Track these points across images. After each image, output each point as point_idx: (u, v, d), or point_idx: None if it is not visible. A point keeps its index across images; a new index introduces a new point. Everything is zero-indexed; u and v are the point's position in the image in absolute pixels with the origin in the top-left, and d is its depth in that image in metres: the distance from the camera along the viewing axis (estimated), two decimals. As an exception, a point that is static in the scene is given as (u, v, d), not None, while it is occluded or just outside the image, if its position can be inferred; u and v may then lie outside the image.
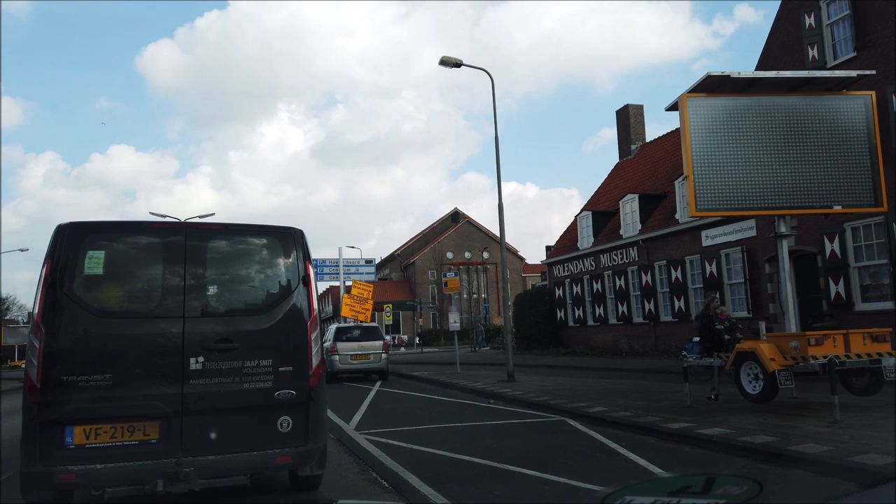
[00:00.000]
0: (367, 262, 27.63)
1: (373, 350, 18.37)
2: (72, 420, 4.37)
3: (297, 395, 4.78)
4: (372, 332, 19.02)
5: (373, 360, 18.33)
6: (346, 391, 15.91)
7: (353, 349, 18.25)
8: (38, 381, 4.36)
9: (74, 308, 4.55)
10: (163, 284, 4.79)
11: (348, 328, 19.37)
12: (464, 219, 73.74)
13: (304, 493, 5.34)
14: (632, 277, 25.56)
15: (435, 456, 6.85)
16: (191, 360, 4.62)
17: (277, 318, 4.91)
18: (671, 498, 1.56)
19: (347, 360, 18.19)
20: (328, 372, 18.22)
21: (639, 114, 33.51)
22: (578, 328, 29.27)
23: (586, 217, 29.05)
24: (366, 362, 18.31)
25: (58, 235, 4.69)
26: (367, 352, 18.32)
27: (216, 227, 5.36)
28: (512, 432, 8.44)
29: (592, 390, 12.11)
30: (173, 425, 4.52)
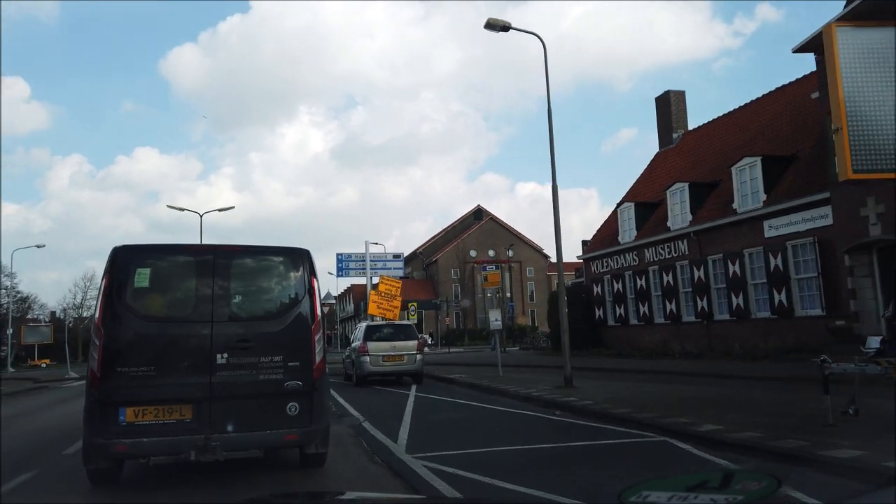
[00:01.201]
0: (395, 256, 25.93)
1: (406, 350, 16.63)
2: (124, 402, 5.29)
3: (302, 385, 5.65)
4: (405, 330, 17.27)
5: (406, 361, 16.58)
6: (381, 397, 14.18)
7: (384, 349, 16.52)
8: (98, 371, 5.33)
9: (127, 314, 5.53)
10: (195, 295, 5.72)
11: (379, 326, 17.68)
12: (487, 216, 71.86)
13: (312, 468, 6.25)
14: (681, 273, 23.59)
15: (535, 500, 5.04)
16: (217, 356, 5.52)
17: (287, 322, 5.82)
18: (688, 493, 1.55)
19: (379, 362, 16.46)
20: (358, 375, 16.50)
21: (680, 100, 31.48)
22: (619, 328, 27.34)
23: (628, 209, 27.09)
24: (399, 364, 16.57)
25: (114, 256, 5.68)
26: (401, 352, 16.57)
27: (238, 248, 6.18)
28: (608, 459, 6.64)
29: (677, 400, 10.26)
30: (203, 408, 5.42)
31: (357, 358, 16.67)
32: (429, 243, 73.05)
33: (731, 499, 1.52)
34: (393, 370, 16.61)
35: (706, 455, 6.43)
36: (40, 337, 60.91)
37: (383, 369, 16.50)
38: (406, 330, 17.30)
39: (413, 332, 17.25)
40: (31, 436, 10.30)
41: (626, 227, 27.12)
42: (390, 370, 16.60)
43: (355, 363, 16.83)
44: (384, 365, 16.49)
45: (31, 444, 9.18)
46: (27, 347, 68.37)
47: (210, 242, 7.07)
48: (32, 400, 19.56)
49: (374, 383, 16.84)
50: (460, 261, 67.33)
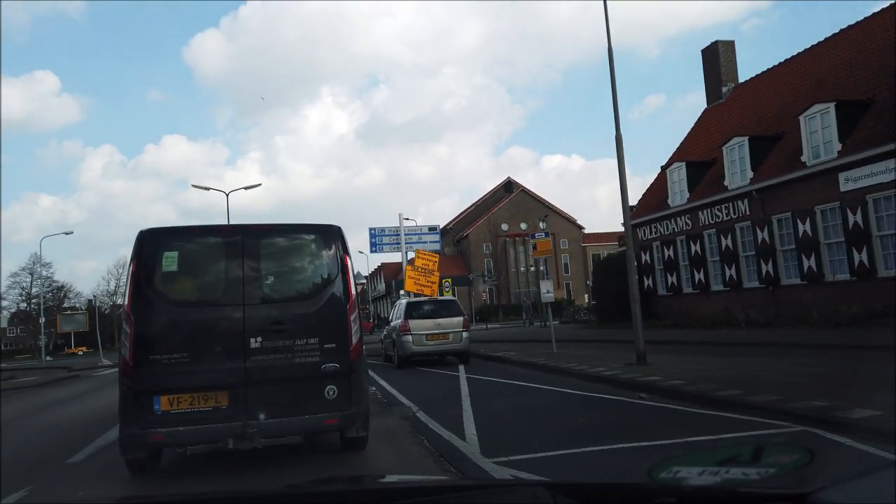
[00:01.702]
0: (431, 229, 24.44)
1: (452, 328, 15.22)
2: (158, 390, 5.17)
3: (340, 368, 5.47)
4: (449, 306, 15.86)
5: (452, 339, 15.18)
6: (429, 380, 12.83)
7: (428, 328, 15.14)
8: (130, 360, 5.24)
9: (156, 299, 5.41)
10: (226, 277, 5.59)
11: (421, 303, 16.29)
12: (518, 188, 69.95)
13: (353, 451, 6.01)
14: (742, 235, 21.74)
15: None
16: (251, 340, 5.37)
17: (321, 303, 5.62)
18: (719, 467, 1.52)
19: (422, 341, 15.09)
20: (400, 356, 15.19)
21: (729, 51, 29.25)
22: (672, 297, 25.62)
23: (678, 169, 25.19)
24: (444, 343, 15.18)
25: (141, 240, 5.54)
26: (445, 330, 15.17)
27: (267, 227, 5.94)
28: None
29: (786, 377, 8.68)
30: (239, 394, 5.28)
31: (398, 338, 15.33)
32: (459, 218, 71.51)
33: (763, 472, 1.50)
34: (437, 349, 15.24)
35: (880, 452, 4.89)
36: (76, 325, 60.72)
37: (427, 349, 15.15)
38: (450, 306, 15.89)
39: (458, 308, 15.83)
40: (67, 424, 10.07)
41: (676, 189, 25.26)
42: (434, 350, 15.23)
43: (396, 343, 15.50)
44: (428, 344, 15.12)
45: (69, 431, 9.01)
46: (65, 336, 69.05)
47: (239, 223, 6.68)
48: (65, 389, 18.73)
49: (417, 364, 15.52)
50: (492, 235, 65.72)
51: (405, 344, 15.05)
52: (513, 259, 66.22)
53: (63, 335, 64.55)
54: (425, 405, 9.00)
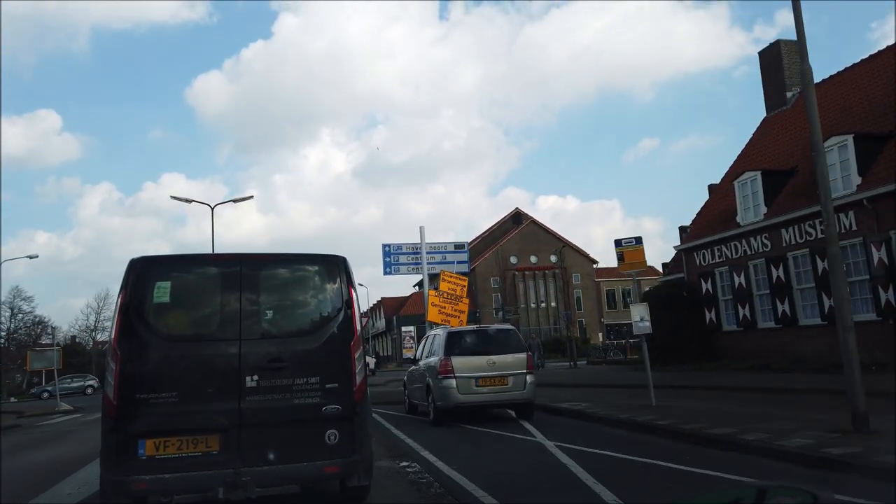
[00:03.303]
0: (458, 247, 20.17)
1: (511, 369, 10.90)
2: (144, 433, 4.73)
3: (342, 410, 5.04)
4: (506, 338, 11.52)
5: (512, 385, 10.84)
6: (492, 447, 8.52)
7: (478, 368, 10.80)
8: (114, 399, 4.79)
9: (145, 333, 4.97)
10: (221, 310, 5.13)
11: (465, 333, 11.90)
12: (527, 219, 65.99)
13: (353, 503, 5.61)
14: (848, 256, 17.53)
15: None
16: (247, 379, 4.93)
17: (323, 339, 5.20)
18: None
19: (470, 388, 10.73)
20: (438, 407, 10.82)
21: (793, 52, 25.48)
22: (742, 333, 21.33)
23: (752, 180, 21.12)
24: (501, 390, 10.83)
25: (130, 269, 5.12)
26: (503, 372, 10.83)
27: (267, 257, 5.60)
28: None
29: None
30: (232, 438, 4.82)
31: (436, 382, 10.97)
32: (465, 250, 67.35)
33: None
34: (492, 400, 10.89)
35: None
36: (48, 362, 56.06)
37: (478, 398, 10.79)
38: (507, 337, 11.54)
39: (517, 341, 11.52)
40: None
41: (748, 202, 21.19)
42: (488, 400, 10.88)
43: (433, 389, 11.12)
44: (479, 392, 10.76)
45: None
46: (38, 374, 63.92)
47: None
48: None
49: (462, 418, 11.13)
50: (500, 268, 61.55)
51: (447, 391, 10.67)
52: (522, 294, 61.94)
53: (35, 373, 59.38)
54: (519, 496, 4.66)
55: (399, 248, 19.21)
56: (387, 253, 19.04)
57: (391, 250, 19.12)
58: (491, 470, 6.87)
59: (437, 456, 7.92)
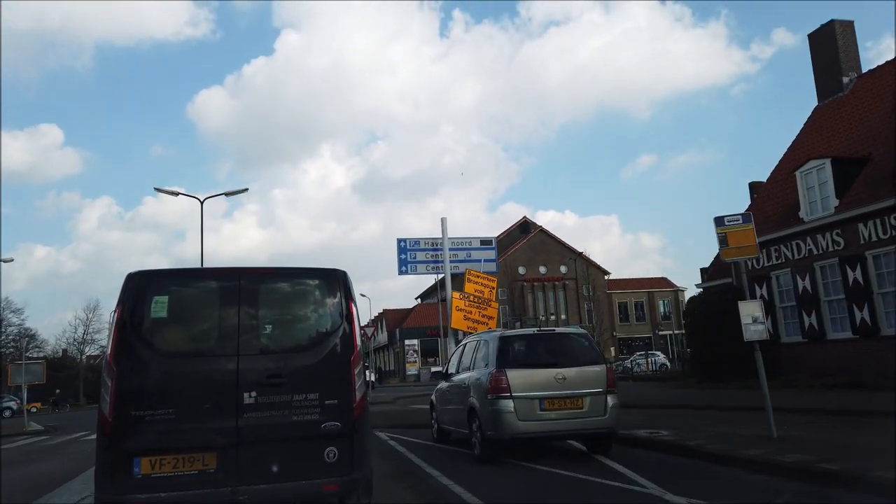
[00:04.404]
0: (484, 243, 17.45)
1: (587, 386, 8.15)
2: (139, 451, 4.65)
3: (342, 427, 4.94)
4: (577, 345, 8.74)
5: (588, 409, 8.08)
6: None
7: (544, 385, 8.05)
8: (109, 416, 4.68)
9: (142, 349, 4.86)
10: (219, 325, 5.03)
11: (524, 338, 8.97)
12: (535, 229, 63.36)
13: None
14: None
15: None
16: (244, 395, 4.84)
17: (323, 354, 5.10)
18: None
19: (533, 411, 7.96)
20: (489, 437, 8.02)
21: (848, 34, 23.05)
22: (808, 345, 18.62)
23: (820, 169, 18.48)
24: (574, 416, 8.05)
25: (128, 282, 5.03)
26: (576, 391, 8.07)
27: (266, 270, 5.49)
28: None
29: None
30: (229, 455, 4.73)
31: (485, 403, 8.20)
32: (470, 261, 64.60)
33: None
34: (563, 429, 8.09)
35: None
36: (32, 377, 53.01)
37: (544, 427, 8.00)
38: (579, 344, 8.75)
39: (592, 349, 8.74)
40: None
41: (813, 195, 18.58)
42: (557, 429, 8.08)
43: (479, 414, 8.36)
44: (545, 418, 7.97)
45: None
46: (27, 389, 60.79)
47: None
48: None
49: (514, 452, 8.36)
50: (508, 279, 58.73)
51: (501, 416, 7.90)
52: (531, 306, 59.16)
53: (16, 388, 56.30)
54: None
55: (416, 243, 16.49)
56: (402, 249, 16.31)
57: (407, 246, 16.40)
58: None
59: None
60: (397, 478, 7.70)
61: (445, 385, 10.55)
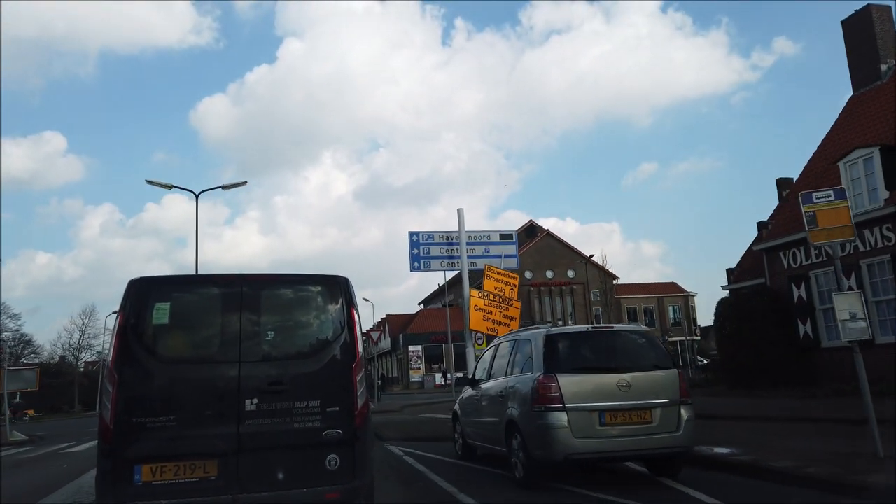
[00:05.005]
0: (504, 237, 15.99)
1: (656, 396, 6.67)
2: (140, 459, 4.62)
3: (343, 434, 4.92)
4: (641, 344, 7.28)
5: (659, 423, 6.60)
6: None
7: (605, 393, 6.59)
8: (111, 423, 4.65)
9: (144, 355, 4.84)
10: (221, 331, 5.01)
11: (577, 336, 7.40)
12: (542, 232, 61.93)
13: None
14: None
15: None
16: (246, 402, 4.82)
17: (324, 361, 5.07)
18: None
19: (592, 427, 6.46)
20: (536, 456, 6.46)
21: (886, 19, 21.70)
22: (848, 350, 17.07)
23: (867, 159, 17.06)
24: (642, 431, 6.59)
25: (129, 289, 5.01)
26: (644, 402, 6.59)
27: (268, 277, 5.46)
28: None
29: None
30: (230, 463, 4.71)
31: (530, 415, 6.74)
32: (475, 265, 63.18)
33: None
34: (628, 448, 6.53)
35: None
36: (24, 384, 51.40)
37: (606, 445, 6.46)
38: (643, 343, 7.29)
39: (659, 350, 7.24)
40: None
41: (859, 187, 17.12)
42: (623, 448, 6.53)
43: (522, 428, 6.89)
44: (607, 433, 6.45)
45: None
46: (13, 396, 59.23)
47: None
48: None
49: (563, 474, 6.87)
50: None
51: (552, 432, 6.40)
52: (538, 311, 57.66)
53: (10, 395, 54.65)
54: None
55: (430, 237, 15.06)
56: (414, 243, 14.89)
57: (420, 240, 14.97)
58: None
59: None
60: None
61: (473, 393, 9.07)
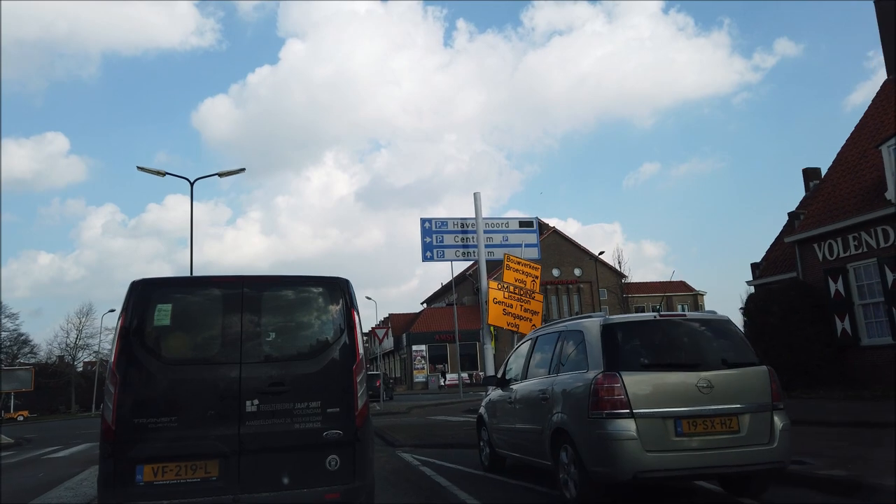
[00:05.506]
0: (524, 224, 14.72)
1: (742, 399, 5.44)
2: (141, 459, 4.62)
3: (343, 435, 4.92)
4: (721, 336, 5.95)
5: (747, 432, 5.35)
6: None
7: (681, 396, 5.33)
8: (112, 423, 4.64)
9: (145, 356, 4.84)
10: (222, 333, 5.02)
11: (638, 325, 5.96)
12: (548, 230, 60.69)
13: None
14: None
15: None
16: (247, 403, 4.83)
17: (325, 362, 5.08)
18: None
19: (667, 437, 5.20)
20: (595, 473, 5.19)
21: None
22: (891, 349, 15.85)
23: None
24: (728, 441, 5.30)
25: (131, 291, 5.03)
26: (729, 406, 5.36)
27: (270, 279, 5.45)
28: None
29: None
30: (231, 463, 4.71)
31: (587, 423, 5.48)
32: (480, 263, 61.94)
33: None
34: (713, 463, 5.27)
35: None
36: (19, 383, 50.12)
37: (685, 459, 5.21)
38: (722, 334, 5.93)
39: (743, 342, 5.98)
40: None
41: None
42: (705, 463, 5.26)
43: (577, 438, 5.61)
44: (685, 445, 5.18)
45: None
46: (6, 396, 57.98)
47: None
48: None
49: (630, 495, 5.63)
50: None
51: (617, 443, 5.10)
52: (544, 309, 56.38)
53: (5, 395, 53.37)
54: None
55: (443, 224, 13.82)
56: (427, 231, 13.64)
57: (433, 228, 13.73)
58: None
59: None
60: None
61: (503, 395, 7.83)
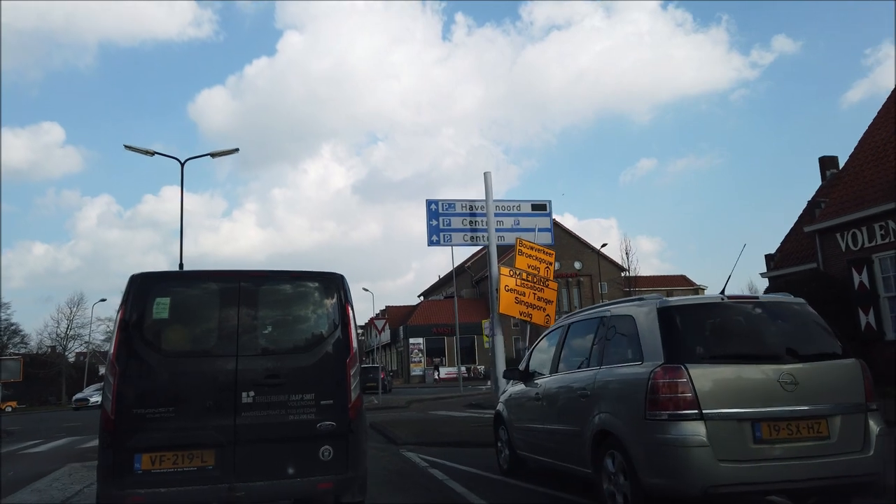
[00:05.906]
0: (537, 207, 13.81)
1: (831, 398, 4.53)
2: (140, 448, 4.72)
3: (337, 427, 5.03)
4: (799, 322, 4.97)
5: (838, 438, 4.43)
6: None
7: (762, 393, 4.39)
8: (112, 414, 4.76)
9: (144, 349, 4.95)
10: (219, 326, 5.13)
11: (703, 309, 4.99)
12: (547, 222, 59.83)
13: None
14: None
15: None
16: (243, 395, 4.94)
17: (319, 355, 5.20)
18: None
19: (744, 444, 4.24)
20: (652, 486, 4.22)
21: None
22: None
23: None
24: (815, 450, 4.35)
25: (131, 284, 5.12)
26: (817, 407, 4.44)
27: (266, 273, 5.59)
28: None
29: None
30: (227, 453, 4.82)
31: (643, 427, 4.51)
32: (478, 255, 60.84)
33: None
34: (799, 476, 4.32)
35: None
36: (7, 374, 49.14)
37: (766, 471, 4.27)
38: (803, 321, 4.95)
39: (825, 330, 5.04)
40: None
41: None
42: (789, 476, 4.31)
43: (629, 444, 4.62)
44: (766, 454, 4.25)
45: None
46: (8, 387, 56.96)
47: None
48: None
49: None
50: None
51: (683, 452, 4.19)
52: (544, 304, 55.50)
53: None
54: None
55: (451, 206, 12.90)
56: (433, 213, 12.71)
57: (440, 210, 12.79)
58: None
59: None
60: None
61: (526, 391, 6.91)
